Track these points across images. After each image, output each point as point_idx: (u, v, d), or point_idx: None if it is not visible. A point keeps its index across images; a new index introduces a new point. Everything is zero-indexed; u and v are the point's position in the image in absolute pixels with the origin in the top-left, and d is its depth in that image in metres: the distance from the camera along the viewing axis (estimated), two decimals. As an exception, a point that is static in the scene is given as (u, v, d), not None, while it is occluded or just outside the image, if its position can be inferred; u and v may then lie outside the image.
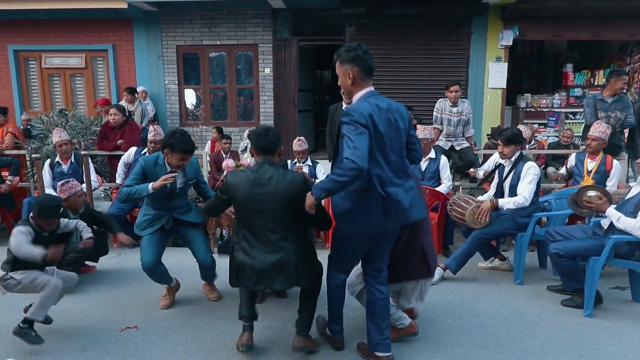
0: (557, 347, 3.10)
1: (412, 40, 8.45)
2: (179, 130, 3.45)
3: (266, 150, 2.86)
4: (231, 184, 2.84)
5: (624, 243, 3.49)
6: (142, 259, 3.48)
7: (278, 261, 2.78)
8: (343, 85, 2.65)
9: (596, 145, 4.67)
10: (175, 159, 3.42)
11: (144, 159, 3.53)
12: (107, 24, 9.15)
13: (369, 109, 2.49)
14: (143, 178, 3.46)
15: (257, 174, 2.80)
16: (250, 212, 2.81)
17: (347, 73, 2.59)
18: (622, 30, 8.18)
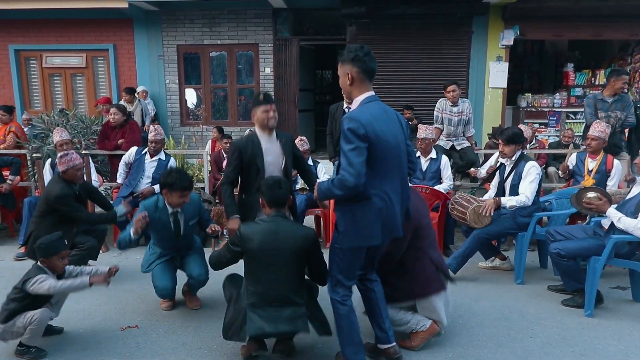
0: (558, 347, 3.10)
1: (413, 40, 8.45)
2: (174, 169, 3.56)
3: (279, 203, 2.84)
4: (246, 237, 2.74)
5: (624, 243, 3.49)
6: (158, 287, 3.52)
7: (290, 315, 2.73)
8: (343, 86, 2.62)
9: (596, 145, 4.67)
10: (175, 198, 3.42)
11: (144, 205, 3.52)
12: (107, 24, 9.15)
13: (369, 117, 2.45)
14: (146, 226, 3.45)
15: (272, 227, 2.75)
16: (264, 266, 2.73)
17: (347, 73, 2.55)
18: (623, 29, 8.18)
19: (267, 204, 2.85)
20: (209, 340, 3.18)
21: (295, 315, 2.73)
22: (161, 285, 3.51)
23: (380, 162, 2.48)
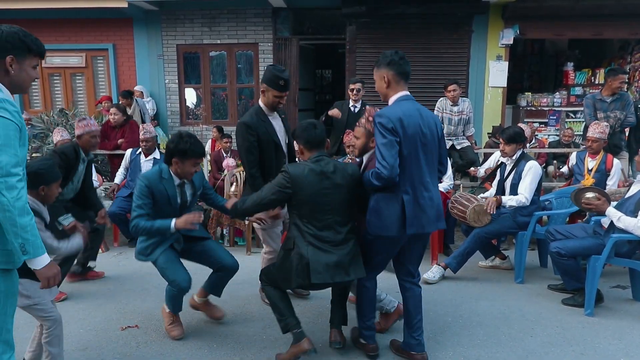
0: (558, 346, 3.10)
1: (413, 40, 8.44)
2: (185, 134, 3.07)
3: (318, 143, 2.81)
4: (296, 177, 2.65)
5: (624, 242, 3.49)
6: (177, 280, 3.02)
7: (349, 253, 2.71)
8: (379, 89, 2.78)
9: (597, 146, 4.66)
10: (189, 167, 3.04)
11: (146, 176, 3.07)
12: (107, 24, 9.14)
13: (399, 113, 2.61)
14: (152, 198, 3.03)
15: (321, 166, 2.70)
16: (318, 206, 2.67)
17: (383, 77, 2.71)
18: (623, 28, 8.17)
19: (306, 148, 2.81)
20: (210, 339, 3.18)
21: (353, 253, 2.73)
22: (181, 277, 3.03)
23: (408, 158, 2.61)
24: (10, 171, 1.75)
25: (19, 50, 1.91)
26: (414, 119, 2.64)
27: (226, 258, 3.25)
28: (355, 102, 5.69)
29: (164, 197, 3.05)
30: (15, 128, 1.81)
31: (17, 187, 1.76)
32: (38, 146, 6.10)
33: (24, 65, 1.94)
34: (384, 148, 2.55)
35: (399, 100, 2.71)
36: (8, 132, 1.77)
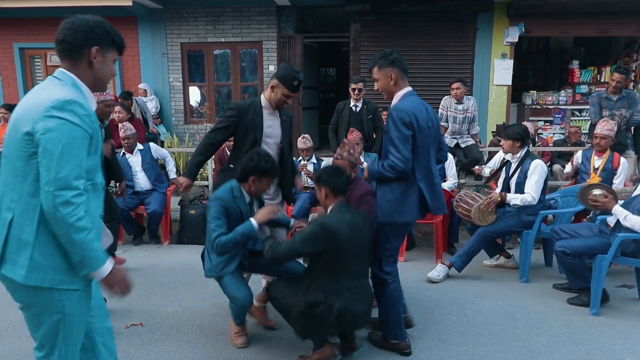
0: (563, 346, 3.08)
1: (417, 38, 8.41)
2: (263, 152, 3.00)
3: (344, 190, 2.83)
4: (335, 230, 2.59)
5: (630, 241, 3.47)
6: (239, 297, 2.94)
7: (370, 302, 2.81)
8: (384, 86, 2.89)
9: (605, 143, 4.63)
10: (264, 185, 3.00)
11: (218, 196, 2.97)
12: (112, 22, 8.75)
13: (413, 108, 2.76)
14: (227, 218, 2.94)
15: (350, 218, 2.69)
16: (350, 258, 2.66)
17: (389, 75, 2.84)
18: (629, 26, 8.11)
19: (332, 194, 2.78)
20: (214, 338, 3.18)
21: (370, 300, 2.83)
22: (242, 294, 2.95)
23: (421, 149, 2.78)
24: (70, 184, 1.59)
25: (104, 41, 1.81)
26: (423, 113, 2.80)
27: (297, 267, 3.16)
28: (357, 101, 5.70)
29: (238, 215, 2.97)
30: (84, 135, 1.65)
31: (74, 203, 1.60)
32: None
33: (107, 59, 1.82)
34: (399, 142, 2.68)
35: (407, 96, 2.84)
36: (73, 140, 1.61)
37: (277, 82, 3.19)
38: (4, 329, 3.32)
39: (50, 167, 1.58)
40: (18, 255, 1.66)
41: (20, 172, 1.65)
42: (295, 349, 3.02)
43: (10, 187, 1.68)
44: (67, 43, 1.74)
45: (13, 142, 1.66)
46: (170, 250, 5.12)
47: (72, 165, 1.60)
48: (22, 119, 1.65)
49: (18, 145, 1.64)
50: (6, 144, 1.71)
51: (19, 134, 1.63)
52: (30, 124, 1.61)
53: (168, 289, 4.04)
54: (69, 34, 1.74)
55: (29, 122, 1.62)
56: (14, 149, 1.66)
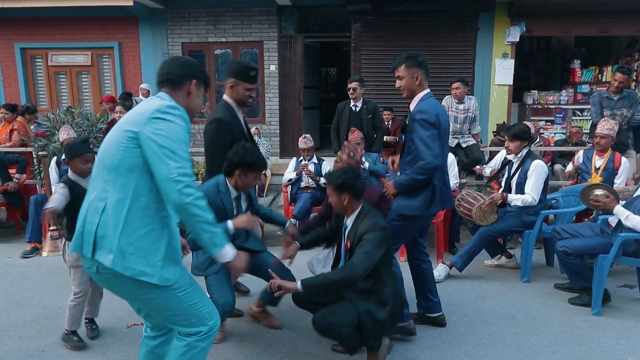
0: (565, 346, 3.08)
1: (418, 37, 8.41)
2: (248, 146, 2.95)
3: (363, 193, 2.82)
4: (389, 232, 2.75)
5: (632, 241, 3.46)
6: (220, 301, 2.82)
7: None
8: (408, 85, 3.00)
9: (605, 142, 4.62)
10: (251, 179, 2.95)
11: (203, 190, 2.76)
12: (113, 22, 9.16)
13: (435, 109, 2.91)
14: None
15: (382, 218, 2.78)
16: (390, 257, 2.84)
17: (416, 75, 2.97)
18: (631, 25, 8.10)
19: (355, 198, 2.74)
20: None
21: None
22: (224, 299, 2.86)
23: (442, 147, 2.93)
24: (187, 172, 1.83)
25: (200, 78, 2.13)
26: (444, 114, 3.01)
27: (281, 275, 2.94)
28: (355, 100, 5.69)
29: (221, 211, 2.89)
30: (187, 133, 1.91)
31: (193, 187, 1.83)
32: (44, 144, 6.12)
33: (200, 92, 2.17)
34: (430, 140, 2.83)
35: (426, 97, 2.99)
36: (181, 136, 1.87)
37: (234, 80, 3.09)
38: (5, 329, 3.32)
39: (168, 159, 1.80)
40: (108, 241, 1.84)
41: (115, 165, 1.86)
42: (296, 348, 3.03)
43: (104, 179, 1.89)
44: (172, 74, 2.05)
45: (114, 138, 1.90)
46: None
47: (184, 156, 1.84)
48: (129, 120, 1.90)
49: (118, 141, 1.87)
50: (106, 140, 1.94)
51: (121, 132, 1.87)
52: (136, 125, 1.85)
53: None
54: (175, 67, 2.06)
55: (134, 123, 1.86)
56: (114, 144, 1.88)
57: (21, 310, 3.60)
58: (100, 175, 1.92)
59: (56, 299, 3.80)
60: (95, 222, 1.86)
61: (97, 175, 1.94)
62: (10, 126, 6.54)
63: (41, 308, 3.64)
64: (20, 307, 3.67)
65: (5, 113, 6.59)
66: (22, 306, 3.68)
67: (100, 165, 1.93)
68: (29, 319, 3.47)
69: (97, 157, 1.97)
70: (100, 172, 1.92)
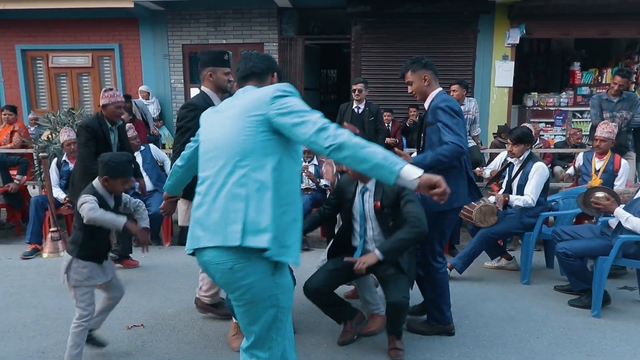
0: (565, 348, 3.08)
1: (418, 39, 8.43)
2: None
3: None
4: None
5: (632, 243, 3.46)
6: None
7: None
8: (418, 88, 3.08)
9: (605, 145, 4.63)
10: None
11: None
12: (113, 24, 9.18)
13: (454, 100, 3.03)
14: None
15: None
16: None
17: (423, 77, 3.05)
18: (631, 28, 8.12)
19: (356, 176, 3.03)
20: (215, 339, 3.18)
21: None
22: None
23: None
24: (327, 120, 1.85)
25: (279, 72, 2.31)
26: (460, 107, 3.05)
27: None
28: (359, 102, 5.69)
29: None
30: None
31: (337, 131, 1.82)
32: (45, 146, 6.13)
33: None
34: (457, 127, 2.87)
35: (441, 94, 3.05)
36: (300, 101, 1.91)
37: (212, 68, 3.09)
38: (6, 329, 3.32)
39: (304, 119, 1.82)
40: (258, 225, 1.79)
41: (249, 150, 1.84)
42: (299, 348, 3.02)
43: (235, 166, 1.85)
44: (257, 68, 2.16)
45: (233, 127, 1.89)
46: (171, 252, 5.13)
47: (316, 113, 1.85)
48: (246, 107, 1.91)
49: (242, 127, 1.87)
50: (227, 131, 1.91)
51: (243, 119, 1.88)
52: (260, 108, 1.87)
53: (169, 290, 4.04)
54: (258, 61, 2.17)
55: (256, 108, 1.88)
56: (235, 132, 1.88)
57: (21, 311, 3.60)
58: (227, 164, 1.86)
59: (56, 300, 3.80)
60: (240, 209, 1.80)
61: (221, 165, 1.88)
62: (11, 127, 6.56)
63: (41, 309, 3.64)
64: (20, 308, 3.67)
65: (8, 114, 6.61)
66: (22, 307, 3.69)
67: (223, 154, 1.88)
68: (29, 320, 3.47)
69: (209, 146, 1.95)
70: (227, 161, 1.87)
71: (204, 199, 1.89)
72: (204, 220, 1.86)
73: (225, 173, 1.86)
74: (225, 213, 1.82)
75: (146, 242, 2.78)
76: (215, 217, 1.83)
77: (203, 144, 2.01)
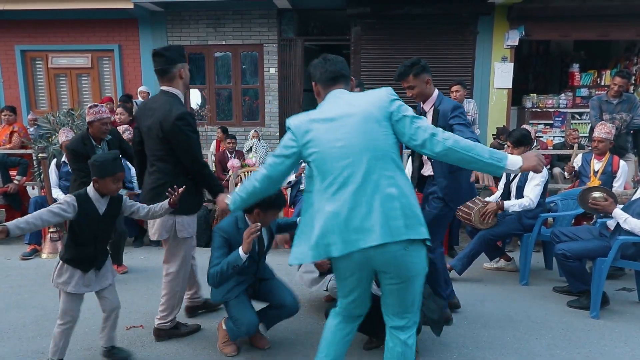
0: (564, 349, 3.08)
1: (418, 40, 8.44)
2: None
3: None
4: None
5: (630, 244, 3.47)
6: (243, 322, 2.88)
7: None
8: (421, 91, 3.20)
9: (603, 146, 4.64)
10: (270, 217, 2.94)
11: (221, 228, 2.92)
12: (113, 24, 9.19)
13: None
14: (229, 248, 2.88)
15: None
16: None
17: (426, 80, 3.18)
18: (629, 29, 8.13)
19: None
20: (214, 340, 3.18)
21: None
22: (247, 320, 2.89)
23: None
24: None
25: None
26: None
27: (287, 297, 3.07)
28: None
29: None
30: None
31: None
32: (44, 146, 6.12)
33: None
34: (467, 127, 3.04)
35: (441, 96, 3.24)
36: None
37: (183, 65, 2.98)
38: (5, 330, 3.32)
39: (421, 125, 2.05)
40: (415, 218, 2.01)
41: (386, 151, 2.03)
42: (295, 351, 3.03)
43: (382, 168, 2.01)
44: (345, 70, 2.26)
45: (367, 131, 2.03)
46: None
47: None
48: (373, 111, 2.06)
49: (377, 131, 2.04)
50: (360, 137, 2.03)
51: (372, 124, 2.04)
52: (384, 111, 2.06)
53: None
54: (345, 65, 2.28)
55: (380, 111, 2.06)
56: (372, 135, 2.03)
57: (20, 312, 3.60)
58: (372, 168, 2.00)
59: (56, 300, 3.76)
60: (397, 207, 1.97)
61: (365, 170, 1.99)
62: (10, 128, 6.56)
63: (40, 310, 3.64)
64: (19, 308, 3.67)
65: (8, 115, 6.61)
66: (21, 308, 3.69)
67: (362, 159, 2.00)
68: (29, 320, 3.47)
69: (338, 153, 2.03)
70: (370, 166, 2.00)
71: (355, 202, 1.98)
72: (361, 222, 1.96)
73: (372, 177, 2.00)
74: (384, 214, 1.96)
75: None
76: (376, 220, 1.96)
77: (328, 152, 2.05)
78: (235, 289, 2.99)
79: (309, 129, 2.10)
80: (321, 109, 2.16)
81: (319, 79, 2.25)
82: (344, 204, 1.98)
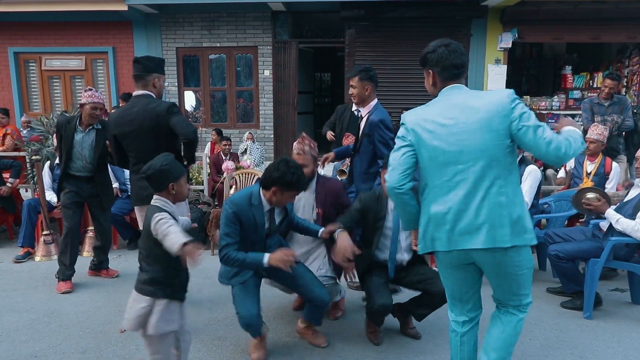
0: (557, 349, 3.10)
1: (411, 43, 8.47)
2: (292, 163, 2.71)
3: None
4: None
5: (622, 245, 3.50)
6: (242, 313, 2.76)
7: None
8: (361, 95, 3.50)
9: (594, 147, 4.68)
10: (287, 198, 2.77)
11: (233, 202, 2.75)
12: (107, 26, 9.17)
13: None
14: (240, 226, 2.74)
15: None
16: None
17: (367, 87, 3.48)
18: (621, 32, 8.21)
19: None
20: (209, 342, 3.18)
21: None
22: (246, 312, 2.75)
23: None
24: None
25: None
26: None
27: (315, 290, 2.91)
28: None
29: (252, 224, 2.76)
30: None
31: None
32: (37, 149, 6.09)
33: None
34: (384, 146, 3.15)
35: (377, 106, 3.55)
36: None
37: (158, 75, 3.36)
38: (-2, 334, 3.30)
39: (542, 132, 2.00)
40: (522, 224, 2.07)
41: (500, 158, 2.04)
42: (297, 356, 3.03)
43: (494, 177, 2.04)
44: (466, 63, 2.30)
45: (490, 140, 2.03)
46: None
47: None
48: (493, 115, 2.03)
49: (494, 137, 2.02)
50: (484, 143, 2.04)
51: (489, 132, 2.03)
52: (503, 117, 2.02)
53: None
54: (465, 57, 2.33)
55: (498, 116, 2.03)
56: (491, 146, 2.03)
57: (14, 315, 3.58)
58: (485, 175, 2.04)
59: (49, 304, 3.78)
60: (504, 215, 2.04)
61: (478, 176, 2.05)
62: (3, 130, 6.52)
63: (34, 313, 3.62)
64: (12, 312, 3.65)
65: (1, 117, 6.57)
66: (14, 311, 3.66)
67: (477, 164, 2.04)
68: (22, 324, 3.45)
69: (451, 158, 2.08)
70: (484, 172, 2.04)
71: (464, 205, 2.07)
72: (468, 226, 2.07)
73: (484, 183, 2.05)
74: (488, 221, 2.05)
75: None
76: (483, 223, 2.05)
77: (442, 155, 2.09)
78: (242, 274, 2.87)
79: (425, 128, 2.13)
80: (439, 107, 2.15)
81: (441, 71, 2.20)
82: (454, 205, 2.08)
